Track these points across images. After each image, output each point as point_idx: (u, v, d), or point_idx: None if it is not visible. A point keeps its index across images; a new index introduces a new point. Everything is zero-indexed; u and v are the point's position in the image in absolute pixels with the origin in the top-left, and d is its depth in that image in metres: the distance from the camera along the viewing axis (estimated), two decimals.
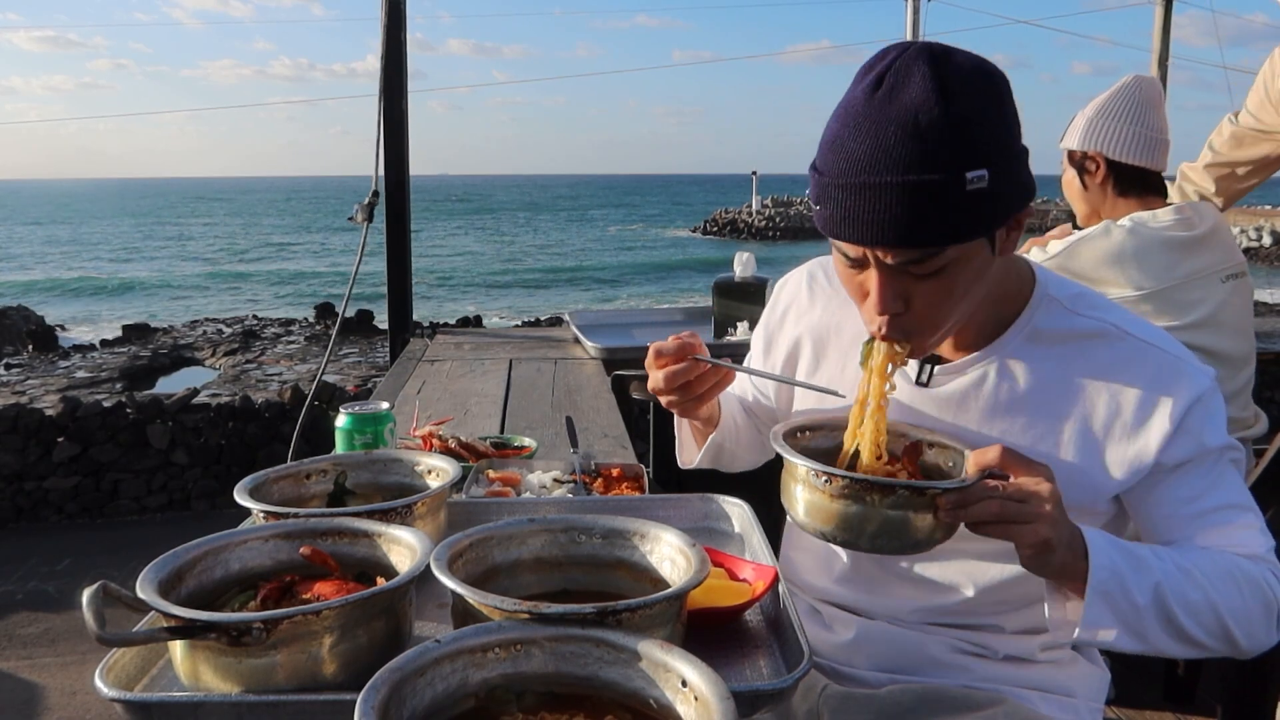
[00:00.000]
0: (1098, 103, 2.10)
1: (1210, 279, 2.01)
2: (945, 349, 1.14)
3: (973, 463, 0.99)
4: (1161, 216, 2.00)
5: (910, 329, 1.02)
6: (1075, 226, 2.16)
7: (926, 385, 1.14)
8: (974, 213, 0.94)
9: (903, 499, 0.96)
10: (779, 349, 1.33)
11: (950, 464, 1.09)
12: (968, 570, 1.15)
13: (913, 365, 1.15)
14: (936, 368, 1.14)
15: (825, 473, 0.99)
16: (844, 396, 1.15)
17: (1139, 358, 1.07)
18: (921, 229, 0.93)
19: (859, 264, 1.01)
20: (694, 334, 1.16)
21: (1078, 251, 2.00)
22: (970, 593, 1.15)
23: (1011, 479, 0.96)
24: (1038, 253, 2.08)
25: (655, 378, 1.17)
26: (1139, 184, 2.08)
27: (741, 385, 1.45)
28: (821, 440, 1.13)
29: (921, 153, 0.91)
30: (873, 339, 1.06)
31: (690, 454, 1.41)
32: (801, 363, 1.29)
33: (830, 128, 0.98)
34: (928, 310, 1.01)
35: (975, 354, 1.12)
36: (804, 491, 1.02)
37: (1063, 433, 1.08)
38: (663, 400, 1.20)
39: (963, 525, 0.98)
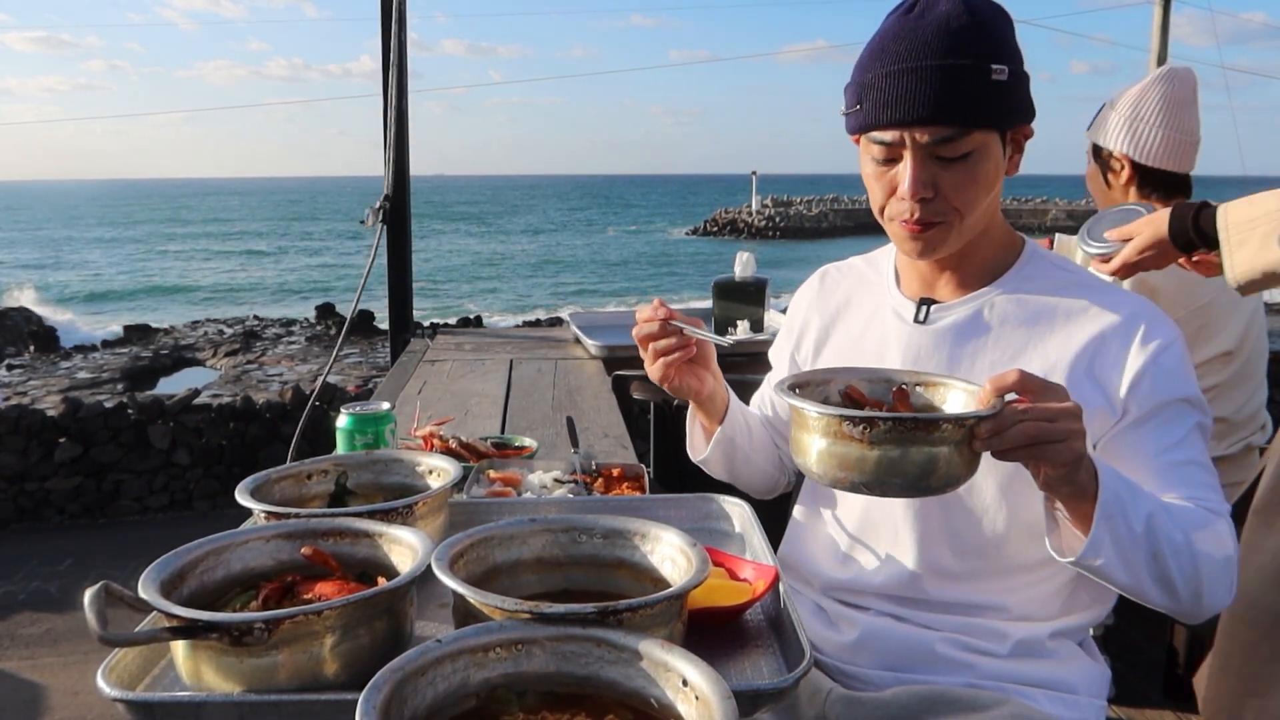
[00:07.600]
0: (1130, 99, 2.03)
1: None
2: (942, 291, 1.21)
3: (991, 388, 0.96)
4: None
5: (937, 215, 1.11)
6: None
7: (924, 323, 1.21)
8: (995, 102, 1.07)
9: (944, 434, 0.93)
10: (792, 337, 1.41)
11: (944, 399, 1.08)
12: (959, 526, 1.17)
13: (909, 306, 1.23)
14: (933, 307, 1.21)
15: (863, 419, 0.94)
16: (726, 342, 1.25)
17: (1118, 302, 1.16)
18: (954, 107, 1.06)
19: (891, 158, 1.11)
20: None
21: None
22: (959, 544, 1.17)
23: (1029, 400, 0.95)
24: None
25: (638, 333, 1.25)
26: (1163, 186, 2.03)
27: (761, 397, 1.50)
28: (812, 395, 1.09)
29: (954, 44, 1.05)
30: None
31: (698, 445, 1.43)
32: (808, 340, 1.36)
33: (867, 49, 1.13)
34: (954, 194, 1.10)
35: (971, 293, 1.20)
36: (835, 445, 0.97)
37: (1051, 357, 1.13)
38: (648, 353, 1.25)
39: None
